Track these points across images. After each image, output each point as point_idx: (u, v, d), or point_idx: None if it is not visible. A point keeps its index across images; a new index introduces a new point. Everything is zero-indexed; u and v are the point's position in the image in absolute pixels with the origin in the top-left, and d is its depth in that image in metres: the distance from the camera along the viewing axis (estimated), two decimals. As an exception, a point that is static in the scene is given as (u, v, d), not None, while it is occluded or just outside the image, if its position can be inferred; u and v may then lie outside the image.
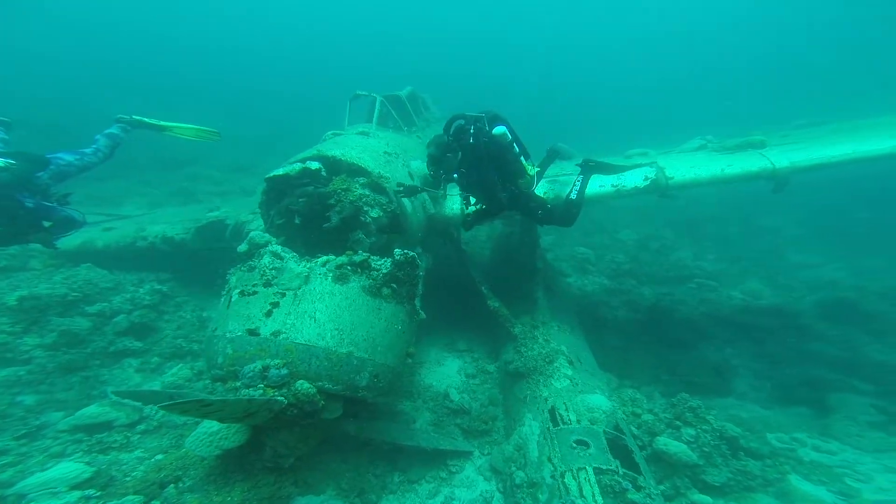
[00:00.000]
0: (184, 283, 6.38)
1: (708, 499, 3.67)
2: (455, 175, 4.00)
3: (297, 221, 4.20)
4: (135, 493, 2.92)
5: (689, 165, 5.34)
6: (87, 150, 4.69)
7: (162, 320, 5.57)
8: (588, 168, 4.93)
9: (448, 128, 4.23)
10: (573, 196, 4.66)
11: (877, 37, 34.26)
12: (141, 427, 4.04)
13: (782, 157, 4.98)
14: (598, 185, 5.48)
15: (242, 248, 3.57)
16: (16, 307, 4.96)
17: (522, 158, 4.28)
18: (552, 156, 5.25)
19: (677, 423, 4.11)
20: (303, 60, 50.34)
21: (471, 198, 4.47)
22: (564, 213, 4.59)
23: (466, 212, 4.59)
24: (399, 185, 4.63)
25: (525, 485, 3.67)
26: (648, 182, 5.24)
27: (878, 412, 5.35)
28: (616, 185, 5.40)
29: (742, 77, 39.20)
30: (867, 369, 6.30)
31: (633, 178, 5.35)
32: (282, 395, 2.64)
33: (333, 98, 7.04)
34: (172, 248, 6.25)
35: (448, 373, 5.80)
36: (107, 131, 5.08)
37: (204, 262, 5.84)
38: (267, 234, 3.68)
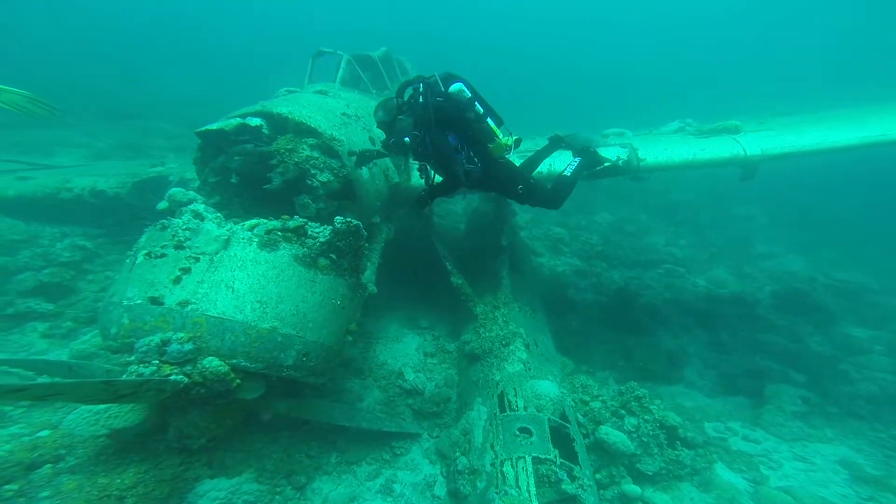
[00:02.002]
0: (118, 241, 5.73)
1: (637, 489, 3.68)
2: (406, 139, 3.43)
3: (233, 181, 3.78)
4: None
5: (662, 148, 5.15)
6: None
7: (84, 280, 5.03)
8: (586, 153, 4.53)
9: (400, 94, 3.69)
10: (567, 173, 4.23)
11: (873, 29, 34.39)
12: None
13: (754, 144, 4.84)
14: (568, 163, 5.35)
15: (162, 205, 3.19)
16: None
17: (490, 121, 3.70)
18: (554, 145, 4.69)
19: (622, 412, 4.09)
20: (281, 15, 46.87)
21: (430, 169, 3.82)
22: (552, 191, 4.13)
23: (432, 185, 3.91)
24: (350, 151, 4.18)
25: (466, 471, 3.59)
26: (620, 163, 5.03)
27: (804, 403, 5.59)
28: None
29: (735, 62, 39.05)
30: (804, 360, 6.52)
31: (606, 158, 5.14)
32: (183, 374, 2.33)
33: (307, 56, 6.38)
34: (104, 203, 5.64)
35: (406, 350, 5.62)
36: None
37: (145, 220, 5.28)
38: (191, 192, 3.28)
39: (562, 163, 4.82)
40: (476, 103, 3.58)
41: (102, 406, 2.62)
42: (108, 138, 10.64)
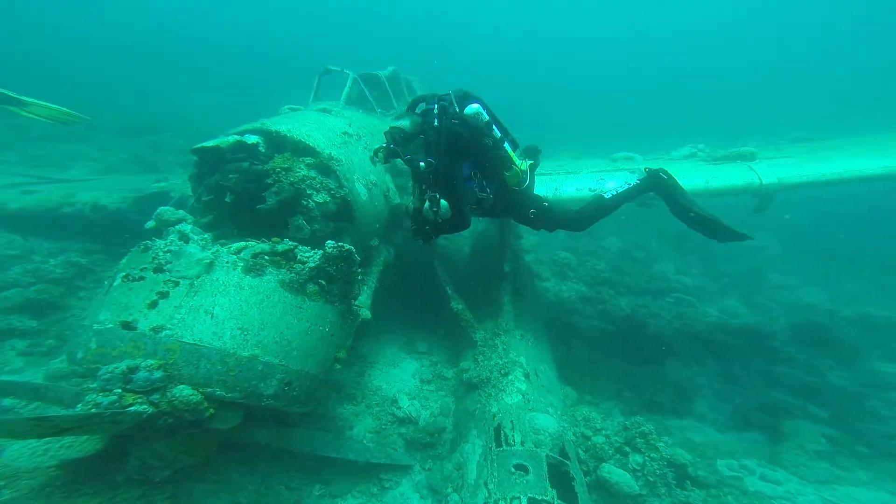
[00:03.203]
0: (114, 257, 5.66)
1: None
2: (422, 165, 3.06)
3: (227, 199, 3.72)
4: None
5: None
6: None
7: (74, 297, 4.94)
8: (653, 178, 4.00)
9: (411, 110, 3.41)
10: (607, 196, 3.84)
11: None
12: (-11, 424, 3.23)
13: (770, 172, 4.66)
14: (576, 188, 5.33)
15: (150, 224, 3.10)
16: None
17: (508, 146, 3.40)
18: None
19: (626, 448, 3.84)
20: (300, 30, 48.12)
21: (439, 198, 3.36)
22: (580, 213, 3.80)
23: (437, 220, 3.46)
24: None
25: (458, 509, 3.34)
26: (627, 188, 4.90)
27: (828, 441, 5.22)
28: (594, 190, 5.22)
29: (746, 85, 38.86)
30: (826, 395, 6.17)
31: (614, 185, 5.03)
32: (148, 403, 2.19)
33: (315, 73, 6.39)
34: (104, 218, 5.64)
35: (402, 376, 5.42)
36: None
37: (139, 237, 5.25)
38: (181, 211, 3.20)
39: (574, 187, 4.69)
40: (493, 127, 3.32)
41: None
42: (121, 152, 10.82)
